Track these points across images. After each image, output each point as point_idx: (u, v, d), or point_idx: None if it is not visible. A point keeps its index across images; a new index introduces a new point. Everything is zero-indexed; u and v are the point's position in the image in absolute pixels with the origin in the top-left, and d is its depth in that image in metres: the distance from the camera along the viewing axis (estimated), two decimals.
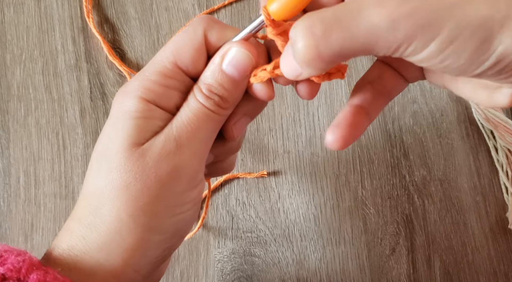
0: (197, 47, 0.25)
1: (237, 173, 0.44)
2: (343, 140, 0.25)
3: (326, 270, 0.43)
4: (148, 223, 0.23)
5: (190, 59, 0.25)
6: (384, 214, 0.44)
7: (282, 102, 0.45)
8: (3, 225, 0.43)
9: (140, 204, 0.23)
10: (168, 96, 0.25)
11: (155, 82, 0.25)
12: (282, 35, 0.23)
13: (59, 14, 0.47)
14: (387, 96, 0.28)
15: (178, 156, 0.24)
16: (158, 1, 0.47)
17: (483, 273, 0.42)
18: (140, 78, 0.25)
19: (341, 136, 0.25)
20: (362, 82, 0.28)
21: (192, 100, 0.25)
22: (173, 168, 0.24)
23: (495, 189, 0.44)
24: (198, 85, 0.25)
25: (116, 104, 0.25)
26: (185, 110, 0.25)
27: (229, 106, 0.26)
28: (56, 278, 0.21)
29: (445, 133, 0.45)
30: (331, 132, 0.25)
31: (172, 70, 0.25)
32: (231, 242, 0.43)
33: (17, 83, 0.46)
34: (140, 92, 0.24)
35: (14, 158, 0.45)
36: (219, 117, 0.26)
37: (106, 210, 0.23)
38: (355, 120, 0.25)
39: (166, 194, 0.24)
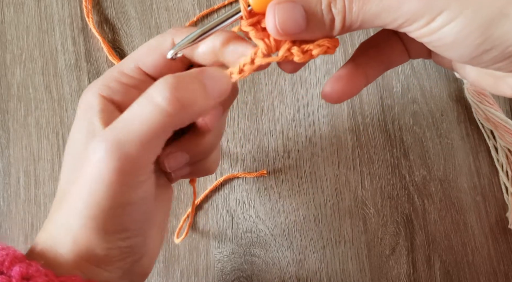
0: (163, 52, 0.26)
1: (237, 172, 0.44)
2: (340, 94, 0.25)
3: (326, 270, 0.43)
4: (93, 224, 0.23)
5: (155, 64, 0.26)
6: (384, 214, 0.44)
7: (282, 102, 0.46)
8: (3, 225, 0.43)
9: (83, 207, 0.23)
10: (127, 94, 0.26)
11: (114, 80, 0.26)
12: (254, 26, 0.24)
13: (59, 14, 0.47)
14: (387, 65, 0.28)
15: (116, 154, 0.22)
16: (158, 1, 0.47)
17: (483, 273, 0.42)
18: (104, 76, 0.26)
19: (339, 90, 0.25)
20: (367, 44, 0.28)
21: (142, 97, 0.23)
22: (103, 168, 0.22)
23: (495, 189, 0.44)
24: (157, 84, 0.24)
25: (81, 101, 0.26)
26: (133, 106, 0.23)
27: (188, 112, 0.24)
28: (38, 270, 0.22)
29: (445, 133, 0.45)
30: (329, 84, 0.25)
31: (132, 69, 0.26)
32: (231, 242, 0.43)
33: (17, 83, 0.46)
34: (99, 89, 0.25)
35: (14, 158, 0.45)
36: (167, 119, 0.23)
37: (63, 208, 0.24)
38: (354, 78, 0.26)
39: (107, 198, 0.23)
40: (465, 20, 0.21)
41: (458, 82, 0.45)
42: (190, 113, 0.23)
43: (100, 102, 0.25)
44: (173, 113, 0.22)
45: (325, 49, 0.24)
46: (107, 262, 0.25)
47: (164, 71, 0.26)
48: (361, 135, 0.45)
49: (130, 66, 0.26)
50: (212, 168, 0.31)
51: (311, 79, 0.46)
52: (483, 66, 0.23)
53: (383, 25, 0.22)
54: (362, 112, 0.45)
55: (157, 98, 0.22)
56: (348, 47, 0.46)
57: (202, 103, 0.24)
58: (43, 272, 0.22)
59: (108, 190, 0.23)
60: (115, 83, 0.26)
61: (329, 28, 0.23)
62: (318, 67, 0.46)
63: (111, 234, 0.24)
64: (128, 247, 0.25)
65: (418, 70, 0.46)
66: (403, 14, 0.21)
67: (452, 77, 0.46)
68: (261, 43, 0.24)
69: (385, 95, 0.46)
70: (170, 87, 0.22)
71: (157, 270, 0.43)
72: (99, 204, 0.23)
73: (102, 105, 0.25)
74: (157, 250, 0.29)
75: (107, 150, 0.22)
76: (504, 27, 0.20)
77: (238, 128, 0.45)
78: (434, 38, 0.22)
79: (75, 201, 0.24)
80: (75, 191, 0.24)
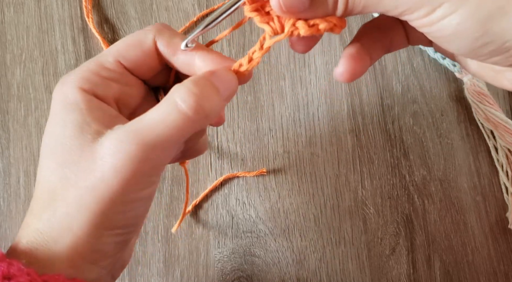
0: (145, 50, 0.26)
1: (237, 172, 0.44)
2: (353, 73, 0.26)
3: (326, 270, 0.43)
4: (98, 220, 0.23)
5: (135, 60, 0.26)
6: (384, 214, 0.44)
7: (282, 102, 0.46)
8: (3, 225, 0.43)
9: (89, 202, 0.23)
10: (104, 86, 0.25)
11: (92, 72, 0.25)
12: (258, 12, 0.24)
13: (59, 14, 0.47)
14: (388, 48, 0.28)
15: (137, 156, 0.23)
16: (158, 1, 0.47)
17: (483, 273, 0.42)
18: (80, 69, 0.26)
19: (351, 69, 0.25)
20: (371, 26, 0.28)
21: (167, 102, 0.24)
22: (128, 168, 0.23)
23: (495, 189, 0.44)
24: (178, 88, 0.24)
25: (57, 95, 0.25)
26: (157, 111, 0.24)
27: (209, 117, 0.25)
28: (20, 269, 0.22)
29: (445, 133, 0.45)
30: (343, 64, 0.26)
31: (112, 63, 0.26)
32: (231, 242, 0.43)
33: (17, 83, 0.46)
34: (79, 82, 0.25)
35: (14, 158, 0.45)
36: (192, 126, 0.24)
37: (58, 206, 0.24)
38: (363, 57, 0.26)
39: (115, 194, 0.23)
40: (465, 13, 0.21)
41: (458, 82, 0.45)
42: (210, 118, 0.25)
43: (83, 96, 0.25)
44: (196, 121, 0.24)
45: (331, 26, 0.24)
46: (101, 258, 0.25)
47: (143, 66, 0.27)
48: (361, 135, 0.45)
49: (109, 60, 0.26)
50: (203, 149, 0.31)
51: (311, 79, 0.46)
52: (481, 59, 0.23)
53: (384, 12, 0.23)
54: (362, 112, 0.45)
55: (182, 106, 0.23)
56: None
57: (218, 107, 0.25)
58: (25, 271, 0.22)
59: (123, 185, 0.23)
60: (95, 76, 0.25)
61: (332, 8, 0.24)
62: (318, 67, 0.46)
63: (112, 229, 0.24)
64: (122, 242, 0.26)
65: (418, 70, 0.46)
66: (405, 2, 0.22)
67: (452, 77, 0.46)
68: (266, 26, 0.24)
69: (385, 95, 0.46)
70: (194, 96, 0.23)
71: (157, 270, 0.43)
72: (110, 199, 0.23)
73: (86, 99, 0.25)
74: (135, 241, 0.29)
75: (129, 147, 0.23)
76: (503, 23, 0.21)
77: (238, 128, 0.45)
78: (434, 29, 0.22)
79: (81, 196, 0.23)
80: (82, 185, 0.23)
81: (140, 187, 0.24)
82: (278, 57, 0.46)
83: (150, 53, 0.27)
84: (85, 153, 0.24)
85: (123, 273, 0.43)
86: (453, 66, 0.45)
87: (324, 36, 0.47)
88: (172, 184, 0.44)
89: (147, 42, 0.26)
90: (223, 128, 0.45)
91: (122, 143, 0.23)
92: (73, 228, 0.23)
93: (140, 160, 0.23)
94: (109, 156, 0.23)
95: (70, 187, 0.24)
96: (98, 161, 0.23)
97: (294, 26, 0.24)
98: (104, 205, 0.23)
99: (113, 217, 0.24)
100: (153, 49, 0.27)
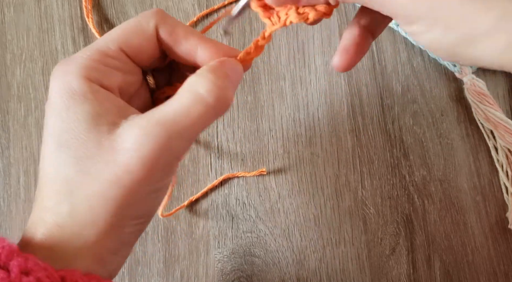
0: (148, 37, 0.26)
1: (236, 172, 0.44)
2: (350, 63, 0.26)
3: (326, 270, 0.43)
4: (122, 211, 0.23)
5: (137, 47, 0.26)
6: (384, 214, 0.44)
7: (282, 102, 0.46)
8: (3, 225, 0.43)
9: (114, 194, 0.23)
10: (109, 75, 0.25)
11: (95, 61, 0.25)
12: (263, 7, 0.27)
13: (59, 14, 0.47)
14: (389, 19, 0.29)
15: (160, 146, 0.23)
16: (158, 1, 0.47)
17: (483, 273, 0.42)
18: (81, 57, 0.25)
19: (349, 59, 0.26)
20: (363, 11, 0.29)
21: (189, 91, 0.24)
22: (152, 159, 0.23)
23: (495, 189, 0.44)
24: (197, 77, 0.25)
25: (60, 84, 0.24)
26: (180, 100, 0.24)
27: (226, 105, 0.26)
28: (37, 264, 0.21)
29: (445, 133, 0.45)
30: (339, 55, 0.26)
31: (115, 51, 0.25)
32: (231, 242, 0.43)
33: (17, 83, 0.46)
34: (83, 72, 0.24)
35: (14, 158, 0.45)
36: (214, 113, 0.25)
37: (78, 199, 0.23)
38: (362, 41, 0.27)
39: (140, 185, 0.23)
40: (434, 37, 0.22)
41: (458, 82, 0.45)
42: (227, 108, 0.25)
43: (90, 86, 0.24)
44: (218, 111, 0.24)
45: (320, 14, 0.26)
46: (123, 248, 0.25)
47: (144, 54, 0.26)
48: (361, 135, 0.45)
49: (112, 48, 0.25)
50: None
51: (311, 79, 0.46)
52: None
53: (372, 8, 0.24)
54: (362, 113, 0.45)
55: (207, 98, 0.24)
56: None
57: (233, 96, 0.26)
58: (42, 266, 0.21)
59: (149, 176, 0.23)
60: (100, 65, 0.25)
61: None
62: (318, 67, 0.46)
63: (135, 219, 0.24)
64: (141, 231, 0.26)
65: (418, 70, 0.46)
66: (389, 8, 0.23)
67: (452, 77, 0.46)
68: (267, 20, 0.27)
69: (385, 95, 0.46)
70: (219, 88, 0.24)
71: (157, 270, 0.43)
72: (135, 190, 0.23)
73: (93, 89, 0.24)
74: None
75: (159, 136, 0.23)
76: (469, 51, 0.22)
77: (238, 128, 0.45)
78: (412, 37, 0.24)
79: (105, 188, 0.23)
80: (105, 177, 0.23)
81: (164, 177, 0.24)
82: (278, 57, 0.46)
83: (152, 40, 0.26)
84: (103, 145, 0.23)
85: (123, 273, 0.43)
86: (453, 66, 0.45)
87: (324, 36, 0.47)
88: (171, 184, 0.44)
89: (149, 29, 0.26)
90: (223, 128, 0.45)
91: (149, 135, 0.23)
92: (97, 221, 0.23)
93: (166, 150, 0.23)
94: (134, 148, 0.23)
95: (91, 180, 0.23)
96: (122, 152, 0.23)
97: (286, 15, 0.26)
98: (129, 196, 0.23)
99: (137, 207, 0.24)
100: (154, 36, 0.26)
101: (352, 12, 0.47)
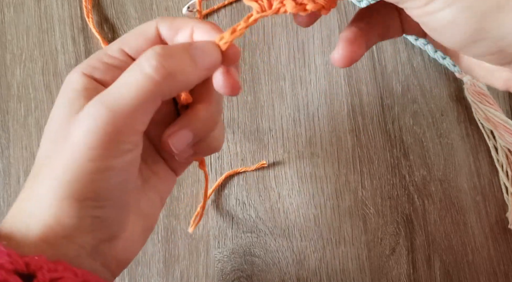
0: (148, 37, 0.27)
1: (237, 168, 0.44)
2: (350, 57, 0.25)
3: (326, 270, 0.43)
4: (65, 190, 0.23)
5: (137, 47, 0.27)
6: (384, 214, 0.44)
7: (282, 102, 0.46)
8: None
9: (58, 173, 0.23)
10: (109, 72, 0.26)
11: (96, 59, 0.26)
12: None
13: (59, 14, 0.47)
14: (382, 36, 0.28)
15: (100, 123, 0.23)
16: (158, 1, 0.47)
17: (483, 273, 0.42)
18: (88, 58, 0.27)
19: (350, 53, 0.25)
20: (368, 11, 0.28)
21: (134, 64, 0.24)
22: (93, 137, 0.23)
23: (495, 189, 0.44)
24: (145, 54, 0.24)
25: (64, 82, 0.26)
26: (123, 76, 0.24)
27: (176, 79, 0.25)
28: (0, 251, 0.21)
29: (445, 133, 0.45)
30: (340, 49, 0.26)
31: (114, 50, 0.27)
32: (231, 242, 0.43)
33: (17, 83, 0.46)
34: (82, 69, 0.26)
35: (14, 158, 0.45)
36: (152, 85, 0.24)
37: (36, 182, 0.24)
38: (360, 41, 0.26)
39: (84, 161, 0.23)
40: (460, 8, 0.21)
41: (458, 82, 0.45)
42: (178, 82, 0.24)
43: (83, 80, 0.25)
44: (160, 81, 0.23)
45: (319, 7, 0.24)
46: (76, 233, 0.24)
47: None
48: (361, 135, 0.45)
49: (113, 48, 0.27)
50: (218, 145, 0.30)
51: (311, 79, 0.46)
52: (474, 56, 0.23)
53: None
54: (362, 112, 0.45)
55: (144, 66, 0.23)
56: None
57: (191, 72, 0.25)
58: (5, 252, 0.21)
59: (91, 153, 0.23)
60: (98, 62, 0.26)
61: None
62: (318, 67, 0.46)
63: (84, 200, 0.24)
64: (98, 217, 0.25)
65: (418, 70, 0.46)
66: None
67: (452, 77, 0.46)
68: (254, 3, 0.25)
69: (385, 95, 0.46)
70: (157, 56, 0.23)
71: (157, 270, 0.43)
72: (79, 168, 0.23)
73: (85, 82, 0.25)
74: (136, 239, 0.28)
75: (95, 111, 0.23)
76: (498, 20, 0.20)
77: (238, 128, 0.45)
78: (429, 19, 0.22)
79: (54, 168, 0.24)
80: (55, 158, 0.24)
81: (110, 154, 0.24)
82: (278, 57, 0.46)
83: (152, 40, 0.27)
84: (66, 126, 0.24)
85: (123, 273, 0.43)
86: (453, 66, 0.45)
87: (324, 36, 0.47)
88: None
89: (150, 30, 0.27)
90: None
91: (90, 109, 0.23)
92: (45, 200, 0.23)
93: (107, 124, 0.23)
94: (79, 124, 0.23)
95: (49, 161, 0.24)
96: (71, 131, 0.24)
97: (282, 3, 0.24)
98: (72, 173, 0.23)
99: (82, 187, 0.24)
100: (156, 36, 0.27)
101: (352, 12, 0.47)
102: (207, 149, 0.29)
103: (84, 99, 0.24)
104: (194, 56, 0.25)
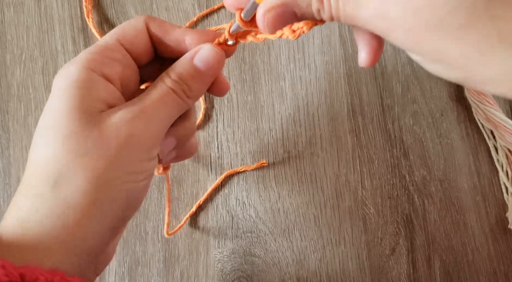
0: (139, 29, 0.28)
1: (237, 168, 0.44)
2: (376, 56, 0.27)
3: (326, 270, 0.43)
4: (101, 189, 0.24)
5: (132, 38, 0.28)
6: (384, 214, 0.44)
7: (282, 102, 0.46)
8: None
9: (97, 171, 0.23)
10: (110, 65, 0.26)
11: (97, 53, 0.26)
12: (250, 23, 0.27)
13: (59, 14, 0.47)
14: None
15: (141, 125, 0.25)
16: (158, 1, 0.47)
17: (483, 273, 0.42)
18: (83, 53, 0.27)
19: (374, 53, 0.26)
20: None
21: (160, 83, 0.27)
22: (133, 135, 0.25)
23: (495, 189, 0.44)
24: (168, 72, 0.27)
25: (61, 74, 0.25)
26: (153, 90, 0.27)
27: (192, 95, 0.28)
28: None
29: (445, 133, 0.45)
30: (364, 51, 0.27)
31: (114, 44, 0.27)
32: (231, 242, 0.43)
33: (17, 83, 0.46)
34: (83, 62, 0.26)
35: (14, 158, 0.45)
36: (181, 103, 0.27)
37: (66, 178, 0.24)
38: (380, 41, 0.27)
39: (123, 160, 0.24)
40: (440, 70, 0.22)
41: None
42: (197, 99, 0.28)
43: (89, 74, 0.25)
44: (190, 104, 0.28)
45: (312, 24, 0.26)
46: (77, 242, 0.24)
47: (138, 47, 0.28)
48: (361, 135, 0.45)
49: (111, 41, 0.28)
50: (194, 150, 0.34)
51: (311, 79, 0.46)
52: None
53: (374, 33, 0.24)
54: (362, 112, 0.45)
55: (181, 94, 0.27)
56: (348, 47, 0.46)
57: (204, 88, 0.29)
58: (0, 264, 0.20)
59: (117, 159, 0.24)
60: (99, 56, 0.26)
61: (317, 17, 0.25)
62: (318, 67, 0.46)
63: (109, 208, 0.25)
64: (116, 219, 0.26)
65: (418, 70, 0.46)
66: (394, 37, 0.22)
67: None
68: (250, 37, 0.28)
69: (385, 95, 0.46)
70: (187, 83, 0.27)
71: (157, 270, 0.43)
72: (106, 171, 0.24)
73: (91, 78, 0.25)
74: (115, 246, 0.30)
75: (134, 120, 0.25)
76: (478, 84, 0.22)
77: (238, 128, 0.45)
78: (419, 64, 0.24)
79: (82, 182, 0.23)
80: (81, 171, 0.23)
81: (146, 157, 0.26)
82: (278, 57, 0.46)
83: (144, 33, 0.28)
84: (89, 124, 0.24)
85: (123, 273, 0.43)
86: None
87: (324, 36, 0.47)
88: (172, 184, 0.44)
89: (140, 24, 0.28)
90: (223, 128, 0.45)
91: (127, 121, 0.25)
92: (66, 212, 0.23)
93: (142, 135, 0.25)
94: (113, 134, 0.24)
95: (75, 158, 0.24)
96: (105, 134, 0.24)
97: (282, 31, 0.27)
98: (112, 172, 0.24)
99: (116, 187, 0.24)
100: (145, 30, 0.28)
101: None
102: (187, 153, 0.33)
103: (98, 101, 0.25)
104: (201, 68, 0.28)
